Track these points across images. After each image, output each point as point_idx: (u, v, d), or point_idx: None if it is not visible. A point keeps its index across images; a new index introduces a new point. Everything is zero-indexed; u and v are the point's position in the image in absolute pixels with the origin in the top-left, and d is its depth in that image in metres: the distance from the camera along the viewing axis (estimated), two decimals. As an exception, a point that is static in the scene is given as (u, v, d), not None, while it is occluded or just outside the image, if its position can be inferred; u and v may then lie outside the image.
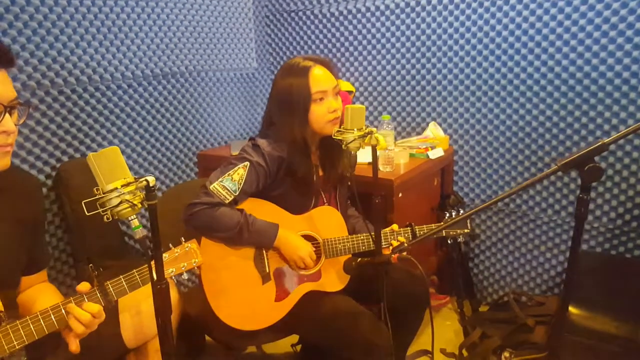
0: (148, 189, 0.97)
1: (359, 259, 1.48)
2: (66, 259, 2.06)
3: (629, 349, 1.68)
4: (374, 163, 1.43)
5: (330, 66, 1.61)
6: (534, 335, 2.04)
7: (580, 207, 1.20)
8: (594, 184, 2.18)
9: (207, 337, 1.86)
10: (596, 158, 1.16)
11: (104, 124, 2.15)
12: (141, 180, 0.97)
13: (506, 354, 2.07)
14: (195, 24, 2.46)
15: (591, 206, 2.21)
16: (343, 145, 1.42)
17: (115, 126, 2.19)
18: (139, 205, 0.98)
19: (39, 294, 1.32)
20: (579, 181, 2.22)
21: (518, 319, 2.13)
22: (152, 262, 1.22)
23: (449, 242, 2.36)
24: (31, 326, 1.11)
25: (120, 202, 0.96)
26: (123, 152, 2.21)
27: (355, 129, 1.39)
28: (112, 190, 0.96)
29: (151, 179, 0.98)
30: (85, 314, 1.12)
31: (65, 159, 2.02)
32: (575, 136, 2.18)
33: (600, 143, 1.17)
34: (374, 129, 1.41)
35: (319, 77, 1.56)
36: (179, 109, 2.47)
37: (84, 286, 1.15)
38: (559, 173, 1.23)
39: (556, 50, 2.12)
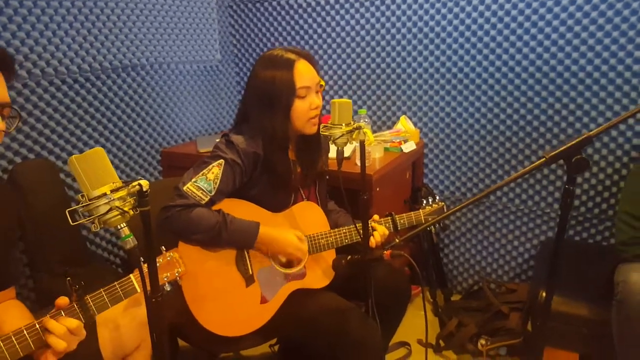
0: (141, 194, 0.89)
1: (349, 257, 1.45)
2: (22, 268, 1.89)
3: (599, 332, 1.74)
4: (362, 159, 1.40)
5: (313, 61, 1.57)
6: (509, 322, 2.10)
7: (567, 198, 1.23)
8: (560, 173, 2.27)
9: (180, 342, 1.78)
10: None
11: (60, 120, 1.99)
12: (133, 184, 0.89)
13: (482, 341, 2.12)
14: (155, 14, 2.32)
15: (556, 195, 2.28)
16: (330, 141, 1.38)
17: (72, 123, 2.04)
18: (130, 212, 0.90)
19: (5, 312, 1.20)
20: (545, 171, 2.32)
21: (492, 307, 2.19)
22: (135, 273, 1.14)
23: (427, 229, 2.39)
24: (3, 349, 1.00)
25: (110, 210, 0.87)
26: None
27: (343, 124, 1.35)
28: (99, 197, 0.87)
29: (144, 183, 0.90)
30: (60, 326, 1.02)
31: (18, 160, 1.86)
32: (541, 128, 2.24)
33: (585, 135, 1.21)
34: (362, 124, 1.37)
35: (304, 72, 1.50)
36: (139, 104, 2.33)
37: (62, 300, 1.05)
38: (528, 164, 1.26)
39: (524, 44, 2.16)
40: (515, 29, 2.16)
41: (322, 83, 2.55)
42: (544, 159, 1.23)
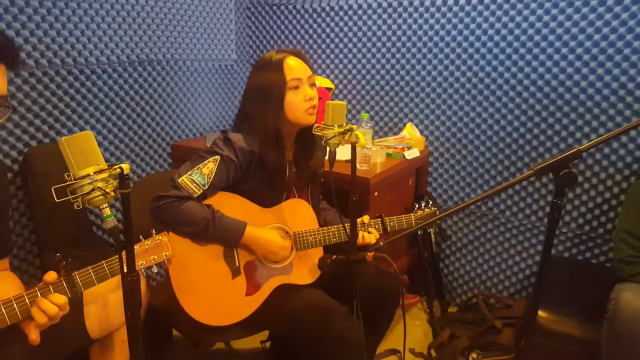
0: (122, 176, 0.94)
1: (334, 257, 1.47)
2: (30, 247, 1.98)
3: (591, 351, 1.73)
4: (353, 160, 1.42)
5: (304, 57, 1.61)
6: (501, 337, 2.08)
7: (554, 212, 1.21)
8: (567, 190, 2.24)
9: (174, 332, 1.83)
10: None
11: (76, 109, 2.08)
12: (115, 167, 0.94)
13: (474, 355, 2.11)
14: (174, 11, 2.41)
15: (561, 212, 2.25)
16: (322, 142, 1.41)
17: (88, 112, 2.13)
18: (112, 194, 0.94)
19: None
20: (550, 186, 2.31)
21: (486, 321, 2.17)
22: (123, 253, 1.20)
23: (419, 232, 2.38)
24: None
25: (92, 190, 0.92)
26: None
27: (336, 126, 1.39)
28: (84, 177, 0.92)
29: (125, 167, 0.95)
30: (53, 306, 1.08)
31: (33, 143, 1.95)
32: (548, 142, 2.22)
33: (575, 149, 1.19)
34: (355, 126, 1.40)
35: (293, 66, 1.56)
36: (154, 98, 2.41)
37: (50, 275, 1.12)
38: (532, 177, 1.25)
39: (533, 58, 2.16)
40: (525, 42, 2.16)
41: (332, 86, 2.61)
42: (532, 170, 1.23)
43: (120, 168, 0.94)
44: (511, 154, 2.32)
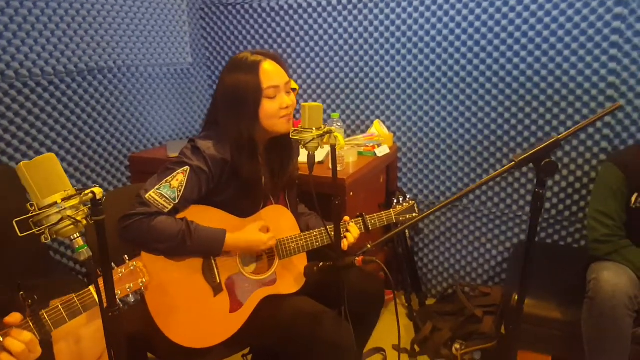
0: (94, 202, 0.85)
1: (321, 264, 1.42)
2: (-20, 279, 1.81)
3: (571, 333, 1.76)
4: (334, 163, 1.37)
5: (281, 61, 1.54)
6: (482, 326, 2.10)
7: (536, 201, 1.24)
8: (531, 177, 2.28)
9: (149, 355, 1.72)
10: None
11: (21, 125, 1.91)
12: (86, 192, 0.84)
13: (457, 346, 2.12)
14: (124, 15, 2.26)
15: (527, 198, 2.30)
16: (300, 146, 1.35)
17: (35, 128, 1.96)
18: (84, 222, 0.85)
19: None
20: (517, 174, 2.34)
21: (466, 311, 2.18)
22: (94, 285, 1.09)
23: (401, 232, 2.37)
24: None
25: (61, 219, 0.83)
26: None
27: (314, 128, 1.33)
28: (50, 206, 0.82)
29: (98, 191, 0.85)
30: (19, 343, 0.96)
31: (-25, 166, 1.78)
32: (512, 132, 2.25)
33: (554, 139, 1.21)
34: (333, 128, 1.35)
35: (270, 72, 1.48)
36: (106, 108, 2.26)
37: (13, 317, 0.99)
38: (501, 167, 1.27)
39: (494, 49, 2.18)
40: (485, 34, 2.17)
41: (296, 87, 2.54)
42: (513, 162, 1.23)
43: (92, 193, 0.85)
44: (477, 145, 2.34)
